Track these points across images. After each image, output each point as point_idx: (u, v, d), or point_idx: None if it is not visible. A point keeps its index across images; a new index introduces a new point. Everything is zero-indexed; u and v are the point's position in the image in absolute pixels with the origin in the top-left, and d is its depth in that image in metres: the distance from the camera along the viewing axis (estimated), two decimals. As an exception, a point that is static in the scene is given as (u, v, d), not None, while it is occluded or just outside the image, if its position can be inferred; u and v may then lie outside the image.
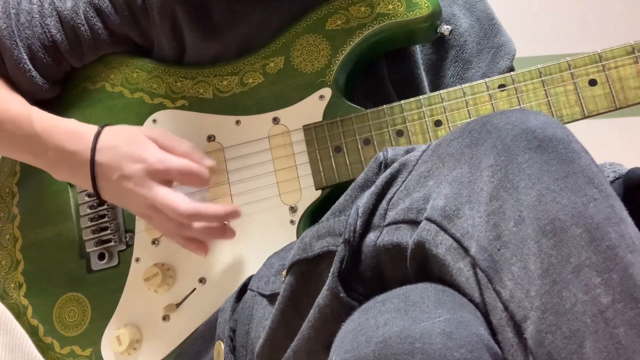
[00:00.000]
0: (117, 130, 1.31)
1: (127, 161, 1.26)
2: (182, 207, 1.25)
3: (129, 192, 1.26)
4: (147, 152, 1.27)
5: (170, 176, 1.28)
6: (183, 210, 1.25)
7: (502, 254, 0.81)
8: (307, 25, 1.35)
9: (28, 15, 1.37)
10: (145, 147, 1.28)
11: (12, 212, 1.43)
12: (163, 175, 1.27)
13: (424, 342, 0.78)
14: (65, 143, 1.29)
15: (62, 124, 1.32)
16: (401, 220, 0.94)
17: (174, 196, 1.25)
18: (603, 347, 0.75)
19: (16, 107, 1.34)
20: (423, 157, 0.97)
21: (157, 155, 1.27)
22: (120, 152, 1.27)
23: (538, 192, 0.82)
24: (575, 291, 0.77)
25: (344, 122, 1.30)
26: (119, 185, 1.26)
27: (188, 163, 1.29)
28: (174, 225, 1.27)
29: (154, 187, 1.25)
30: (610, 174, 1.22)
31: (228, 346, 1.18)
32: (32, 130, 1.30)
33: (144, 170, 1.26)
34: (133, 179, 1.25)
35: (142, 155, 1.27)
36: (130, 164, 1.26)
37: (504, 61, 1.46)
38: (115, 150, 1.27)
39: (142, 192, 1.25)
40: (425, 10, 1.30)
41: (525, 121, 0.88)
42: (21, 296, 1.40)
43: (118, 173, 1.26)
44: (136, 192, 1.25)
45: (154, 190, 1.25)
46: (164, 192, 1.26)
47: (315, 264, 1.03)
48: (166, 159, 1.28)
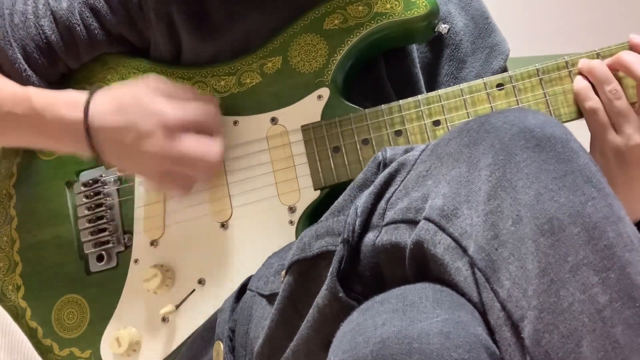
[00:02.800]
0: (115, 89, 1.30)
1: (140, 119, 1.23)
2: (216, 149, 1.26)
3: (149, 152, 1.23)
4: (159, 105, 1.25)
5: (189, 124, 1.25)
6: (216, 152, 1.26)
7: (499, 254, 0.82)
8: (305, 25, 1.35)
9: (22, 16, 1.37)
10: (154, 99, 1.25)
11: (10, 214, 1.43)
12: (183, 125, 1.24)
13: (422, 342, 0.78)
14: (64, 113, 1.27)
15: (61, 95, 1.30)
16: (400, 220, 0.94)
17: (203, 143, 1.25)
18: (600, 346, 0.75)
19: (13, 87, 1.33)
20: (422, 157, 0.98)
21: (170, 105, 1.25)
22: (129, 111, 1.24)
23: (536, 191, 0.82)
24: (572, 290, 0.77)
25: (343, 122, 1.29)
26: (136, 146, 1.23)
27: (202, 106, 1.28)
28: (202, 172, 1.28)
29: (181, 141, 1.23)
30: None
31: (227, 346, 1.18)
32: (31, 105, 1.28)
33: (162, 124, 1.23)
34: (153, 136, 1.22)
35: (155, 109, 1.24)
36: (146, 120, 1.23)
37: (498, 61, 1.47)
38: (121, 109, 1.25)
39: (168, 148, 1.22)
40: (422, 10, 1.30)
41: (523, 120, 0.88)
42: (19, 298, 1.40)
43: (134, 134, 1.23)
44: (159, 150, 1.22)
45: (182, 143, 1.23)
46: (193, 142, 1.24)
47: (314, 264, 1.03)
48: (181, 108, 1.26)
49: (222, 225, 1.33)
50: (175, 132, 1.23)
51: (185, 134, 1.24)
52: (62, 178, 1.42)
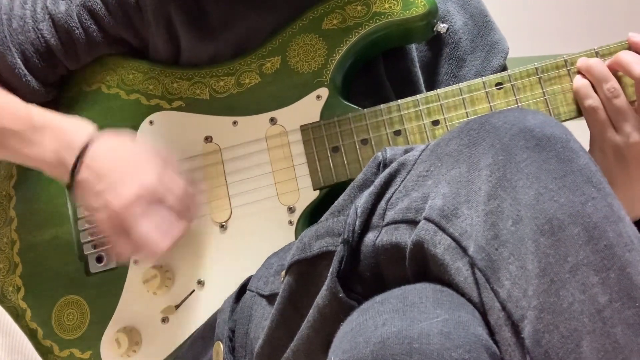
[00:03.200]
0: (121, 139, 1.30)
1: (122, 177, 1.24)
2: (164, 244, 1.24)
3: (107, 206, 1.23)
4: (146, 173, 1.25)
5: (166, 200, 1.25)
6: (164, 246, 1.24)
7: (499, 254, 0.82)
8: (303, 25, 1.35)
9: (21, 20, 1.36)
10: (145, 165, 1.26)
11: (9, 215, 1.43)
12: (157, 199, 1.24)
13: (422, 342, 0.78)
14: (66, 134, 1.27)
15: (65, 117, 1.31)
16: (400, 220, 0.94)
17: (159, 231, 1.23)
18: (600, 346, 0.75)
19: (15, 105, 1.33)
20: (422, 157, 0.98)
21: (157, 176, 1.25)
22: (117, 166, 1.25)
23: (536, 191, 0.82)
24: (572, 290, 0.77)
25: (341, 122, 1.29)
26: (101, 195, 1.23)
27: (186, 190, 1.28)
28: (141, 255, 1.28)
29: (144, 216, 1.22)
30: None
31: (227, 346, 1.18)
32: (31, 122, 1.28)
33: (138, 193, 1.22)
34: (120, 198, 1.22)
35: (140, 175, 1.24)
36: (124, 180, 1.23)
37: (497, 59, 1.47)
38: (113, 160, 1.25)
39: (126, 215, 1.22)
40: (421, 9, 1.30)
41: (523, 120, 0.88)
42: (19, 299, 1.40)
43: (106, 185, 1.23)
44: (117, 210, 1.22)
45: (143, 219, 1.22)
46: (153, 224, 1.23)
47: (314, 264, 1.03)
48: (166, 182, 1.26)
49: (222, 225, 1.33)
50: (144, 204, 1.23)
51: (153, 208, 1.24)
52: (62, 179, 1.42)
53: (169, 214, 1.25)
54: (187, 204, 1.28)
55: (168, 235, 1.24)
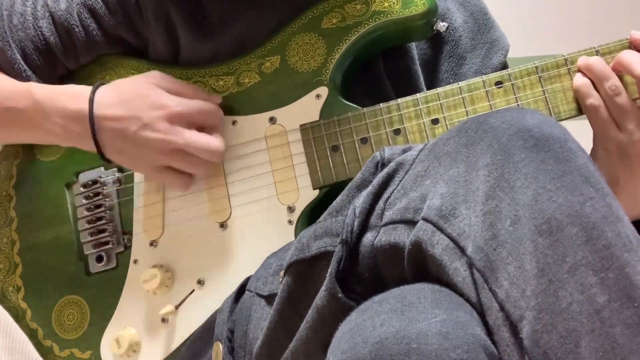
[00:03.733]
0: (118, 83, 1.31)
1: (143, 110, 1.25)
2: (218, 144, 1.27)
3: (151, 142, 1.25)
4: (162, 98, 1.27)
5: (192, 118, 1.27)
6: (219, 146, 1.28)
7: (498, 254, 0.82)
8: (303, 24, 1.34)
9: (21, 17, 1.37)
10: (157, 92, 1.27)
11: (10, 215, 1.43)
12: (185, 119, 1.26)
13: (420, 342, 0.78)
14: (67, 105, 1.28)
15: (62, 88, 1.31)
16: (398, 220, 0.94)
17: (206, 137, 1.27)
18: (599, 346, 0.75)
19: (13, 82, 1.34)
20: (420, 157, 0.98)
21: (173, 99, 1.27)
22: (133, 102, 1.26)
23: (534, 191, 0.82)
24: (571, 290, 0.77)
25: (341, 121, 1.29)
26: (139, 137, 1.25)
27: (204, 103, 1.30)
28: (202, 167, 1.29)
29: (184, 132, 1.25)
30: None
31: (226, 347, 1.18)
32: (33, 98, 1.29)
33: (166, 116, 1.25)
34: (156, 127, 1.24)
35: (159, 101, 1.26)
36: (149, 112, 1.25)
37: (498, 57, 1.46)
38: (125, 101, 1.26)
39: (171, 138, 1.24)
40: (421, 8, 1.30)
41: (521, 120, 0.88)
42: (20, 299, 1.40)
43: (136, 124, 1.24)
44: (161, 140, 1.24)
45: (185, 134, 1.25)
46: (195, 135, 1.26)
47: (312, 265, 1.03)
48: (184, 102, 1.28)
49: (221, 225, 1.33)
50: (177, 125, 1.25)
51: (186, 128, 1.26)
52: (62, 179, 1.42)
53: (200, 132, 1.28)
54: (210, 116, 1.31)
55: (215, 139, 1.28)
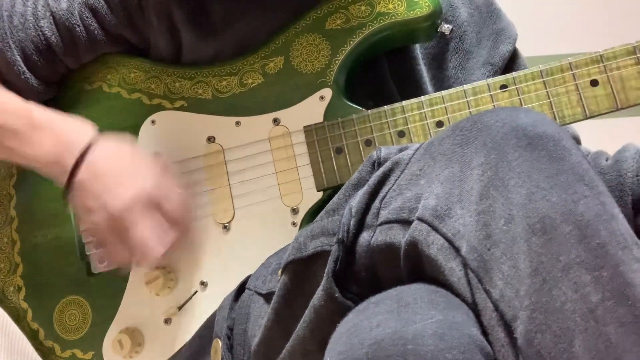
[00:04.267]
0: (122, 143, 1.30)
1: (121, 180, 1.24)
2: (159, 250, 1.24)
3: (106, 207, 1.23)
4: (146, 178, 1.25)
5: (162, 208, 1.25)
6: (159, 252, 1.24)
7: (492, 254, 0.82)
8: (307, 25, 1.34)
9: (21, 17, 1.37)
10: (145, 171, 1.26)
11: (10, 215, 1.43)
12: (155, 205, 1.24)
13: (416, 343, 0.78)
14: (65, 135, 1.27)
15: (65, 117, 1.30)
16: (394, 220, 0.94)
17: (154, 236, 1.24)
18: (593, 345, 0.75)
19: (15, 103, 1.33)
20: (415, 156, 0.98)
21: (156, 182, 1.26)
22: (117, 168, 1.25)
23: (528, 190, 0.82)
24: (565, 289, 0.77)
25: (345, 123, 1.29)
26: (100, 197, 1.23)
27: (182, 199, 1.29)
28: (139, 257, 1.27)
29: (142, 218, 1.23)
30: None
31: (225, 344, 1.19)
32: (31, 120, 1.28)
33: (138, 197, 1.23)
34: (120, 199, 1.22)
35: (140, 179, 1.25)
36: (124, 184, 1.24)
37: (505, 45, 1.46)
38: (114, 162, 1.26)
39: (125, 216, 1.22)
40: (425, 10, 1.30)
41: (515, 119, 0.88)
42: (21, 300, 1.40)
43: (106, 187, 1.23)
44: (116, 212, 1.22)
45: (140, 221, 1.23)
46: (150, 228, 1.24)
47: (309, 264, 1.03)
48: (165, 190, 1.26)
49: (225, 226, 1.33)
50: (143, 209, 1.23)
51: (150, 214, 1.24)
52: (62, 179, 1.42)
53: (164, 220, 1.26)
54: (183, 212, 1.29)
55: (163, 242, 1.25)
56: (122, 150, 1.28)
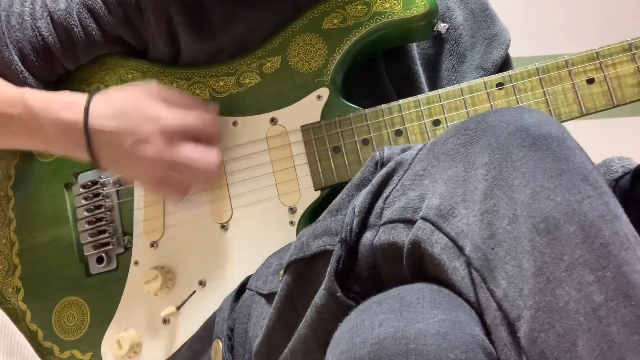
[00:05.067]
0: (112, 94, 1.29)
1: (138, 124, 1.23)
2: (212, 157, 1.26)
3: (145, 157, 1.23)
4: (157, 111, 1.25)
5: (187, 130, 1.25)
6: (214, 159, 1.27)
7: (495, 253, 0.82)
8: (304, 25, 1.34)
9: (19, 17, 1.36)
10: (153, 105, 1.25)
11: (8, 216, 1.42)
12: (180, 131, 1.24)
13: (419, 343, 0.79)
14: (61, 114, 1.26)
15: (56, 96, 1.29)
16: (397, 220, 0.94)
17: (200, 150, 1.26)
18: (596, 345, 0.75)
19: (7, 89, 1.32)
20: (419, 156, 0.98)
21: (168, 112, 1.25)
22: (128, 115, 1.24)
23: (532, 190, 0.82)
24: (568, 289, 0.77)
25: (342, 122, 1.29)
26: (133, 151, 1.23)
27: (200, 114, 1.29)
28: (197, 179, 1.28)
29: (178, 146, 1.24)
30: (619, 168, 1.23)
31: (226, 345, 1.19)
32: (26, 106, 1.27)
33: (161, 130, 1.23)
34: (151, 141, 1.22)
35: (154, 114, 1.24)
36: (144, 125, 1.23)
37: (498, 51, 1.47)
38: (120, 113, 1.24)
39: (165, 153, 1.23)
40: (422, 9, 1.30)
41: (519, 119, 0.88)
42: (19, 301, 1.40)
43: (131, 138, 1.22)
44: (156, 155, 1.22)
45: (179, 149, 1.24)
46: (190, 149, 1.25)
47: (312, 264, 1.04)
48: (179, 114, 1.26)
49: (223, 226, 1.33)
50: (172, 138, 1.23)
51: (182, 141, 1.24)
52: (61, 180, 1.42)
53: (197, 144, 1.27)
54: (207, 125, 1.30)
55: (211, 154, 1.27)
56: (119, 98, 1.27)
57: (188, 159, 1.24)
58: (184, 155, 1.24)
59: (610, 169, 1.24)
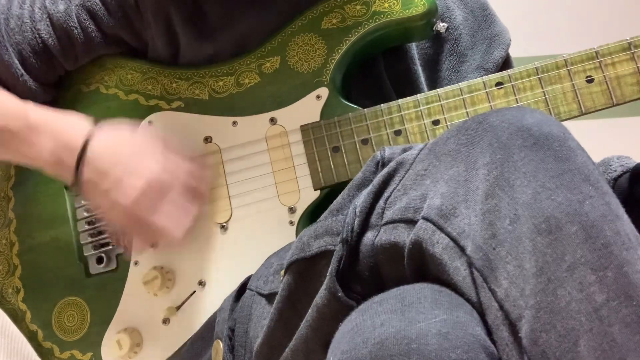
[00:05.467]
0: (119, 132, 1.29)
1: (125, 172, 1.23)
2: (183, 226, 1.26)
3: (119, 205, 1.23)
4: (151, 164, 1.25)
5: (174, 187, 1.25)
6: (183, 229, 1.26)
7: (497, 253, 0.82)
8: (303, 25, 1.34)
9: (18, 20, 1.36)
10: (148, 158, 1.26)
11: (8, 217, 1.42)
12: (166, 191, 1.24)
13: (420, 342, 0.79)
14: (63, 132, 1.26)
15: (61, 115, 1.30)
16: (398, 220, 0.94)
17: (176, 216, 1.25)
18: (597, 345, 0.75)
19: (11, 103, 1.32)
20: (420, 156, 0.98)
21: (161, 168, 1.25)
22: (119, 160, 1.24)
23: (533, 190, 0.82)
24: (569, 289, 0.77)
25: (342, 122, 1.29)
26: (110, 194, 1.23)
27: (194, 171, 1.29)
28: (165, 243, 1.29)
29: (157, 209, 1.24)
30: (617, 167, 1.23)
31: (227, 345, 1.19)
32: (27, 122, 1.27)
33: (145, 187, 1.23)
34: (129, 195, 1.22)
35: (145, 167, 1.24)
36: (129, 177, 1.23)
37: (498, 51, 1.46)
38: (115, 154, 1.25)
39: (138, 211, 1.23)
40: (421, 8, 1.30)
41: (521, 119, 0.88)
42: (19, 301, 1.40)
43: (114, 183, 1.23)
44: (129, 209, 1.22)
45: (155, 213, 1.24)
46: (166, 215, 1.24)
47: (313, 264, 1.03)
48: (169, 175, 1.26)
49: (222, 226, 1.33)
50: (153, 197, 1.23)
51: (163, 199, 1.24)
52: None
53: (180, 199, 1.26)
54: (196, 185, 1.29)
55: (182, 221, 1.26)
56: (121, 139, 1.28)
57: (158, 223, 1.24)
58: (155, 220, 1.24)
59: (609, 168, 1.24)
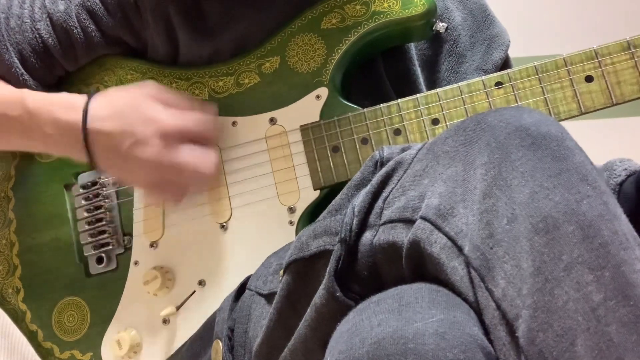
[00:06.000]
0: (111, 94, 1.29)
1: (137, 125, 1.23)
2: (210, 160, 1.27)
3: (143, 159, 1.22)
4: (156, 112, 1.25)
5: (186, 132, 1.25)
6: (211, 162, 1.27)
7: (494, 253, 0.82)
8: (302, 25, 1.34)
9: (18, 19, 1.36)
10: (151, 106, 1.25)
11: (8, 217, 1.43)
12: (179, 133, 1.24)
13: (417, 342, 0.78)
14: (60, 114, 1.26)
15: (55, 97, 1.30)
16: (397, 219, 0.94)
17: (198, 153, 1.26)
18: (594, 345, 0.74)
19: (7, 89, 1.33)
20: (418, 156, 0.98)
21: (167, 113, 1.25)
22: (126, 116, 1.24)
23: (531, 189, 0.82)
24: (567, 289, 0.77)
25: (341, 121, 1.29)
26: (131, 153, 1.23)
27: (199, 115, 1.29)
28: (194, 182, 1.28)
29: (176, 149, 1.24)
30: (621, 172, 1.23)
31: (226, 345, 1.18)
32: (25, 107, 1.28)
33: (159, 131, 1.23)
34: (149, 144, 1.22)
35: (152, 115, 1.24)
36: (142, 127, 1.23)
37: (498, 52, 1.47)
38: (119, 114, 1.25)
39: (163, 157, 1.22)
40: (420, 8, 1.30)
41: (519, 118, 0.88)
42: (19, 301, 1.40)
43: (130, 140, 1.22)
44: (154, 158, 1.22)
45: (177, 152, 1.24)
46: (188, 152, 1.25)
47: (311, 263, 1.03)
48: (178, 116, 1.26)
49: (222, 226, 1.33)
50: (171, 141, 1.23)
51: (181, 144, 1.24)
52: (61, 180, 1.42)
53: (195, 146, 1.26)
54: (206, 126, 1.29)
55: (210, 157, 1.27)
56: (119, 103, 1.27)
57: (186, 161, 1.24)
58: (182, 158, 1.24)
59: (613, 173, 1.24)
